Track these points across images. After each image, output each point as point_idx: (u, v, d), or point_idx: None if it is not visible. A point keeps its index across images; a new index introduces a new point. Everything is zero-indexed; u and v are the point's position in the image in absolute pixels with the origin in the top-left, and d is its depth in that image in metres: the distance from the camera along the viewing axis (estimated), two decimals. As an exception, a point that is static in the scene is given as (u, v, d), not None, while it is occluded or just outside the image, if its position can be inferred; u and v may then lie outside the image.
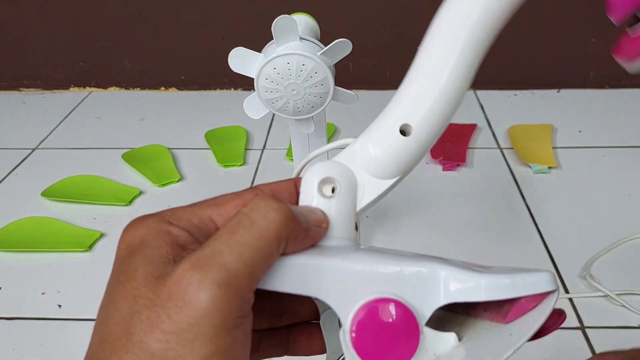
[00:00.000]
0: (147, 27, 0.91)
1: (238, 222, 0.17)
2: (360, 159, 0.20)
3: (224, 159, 0.75)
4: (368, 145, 0.21)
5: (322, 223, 0.19)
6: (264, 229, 0.17)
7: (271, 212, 0.17)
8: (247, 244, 0.16)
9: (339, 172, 0.20)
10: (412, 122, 0.20)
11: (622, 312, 0.49)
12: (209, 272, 0.15)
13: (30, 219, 0.64)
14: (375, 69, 0.92)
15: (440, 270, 0.18)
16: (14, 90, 0.98)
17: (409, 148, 0.20)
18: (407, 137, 0.20)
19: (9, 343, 0.49)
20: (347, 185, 0.20)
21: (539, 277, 0.18)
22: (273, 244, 0.17)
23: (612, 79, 0.91)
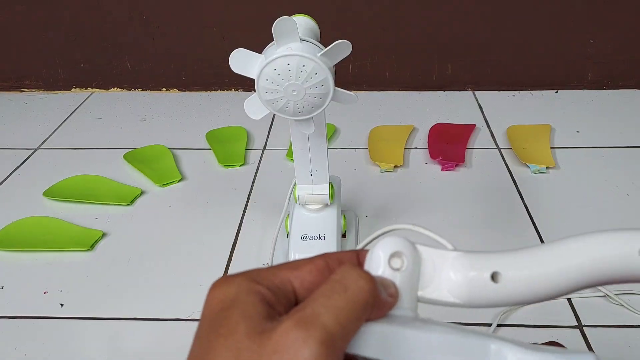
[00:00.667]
0: (148, 28, 0.91)
1: (332, 288, 0.19)
2: (449, 265, 0.22)
3: (225, 159, 0.75)
4: (456, 263, 0.22)
5: (394, 293, 0.21)
6: (355, 295, 0.19)
7: (361, 281, 0.19)
8: (342, 307, 0.18)
9: (408, 248, 0.21)
10: (504, 272, 0.21)
11: (620, 311, 0.49)
12: (312, 330, 0.17)
13: (32, 219, 0.64)
14: (374, 70, 0.92)
15: (501, 346, 0.20)
16: (16, 90, 0.99)
17: (492, 292, 0.21)
18: (498, 284, 0.21)
19: (11, 342, 0.49)
20: (413, 261, 0.21)
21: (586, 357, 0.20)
22: (363, 309, 0.19)
23: (610, 79, 0.92)
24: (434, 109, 0.88)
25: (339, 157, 0.76)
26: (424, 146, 0.78)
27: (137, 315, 0.51)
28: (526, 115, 0.85)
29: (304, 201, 0.54)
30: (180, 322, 0.50)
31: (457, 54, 0.90)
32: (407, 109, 0.88)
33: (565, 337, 0.47)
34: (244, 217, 0.64)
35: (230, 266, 0.57)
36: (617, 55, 0.89)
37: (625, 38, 0.88)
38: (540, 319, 0.49)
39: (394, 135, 0.80)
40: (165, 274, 0.56)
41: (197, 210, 0.66)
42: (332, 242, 0.54)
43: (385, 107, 0.89)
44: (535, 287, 0.21)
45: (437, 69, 0.92)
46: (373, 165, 0.74)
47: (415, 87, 0.93)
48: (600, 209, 0.63)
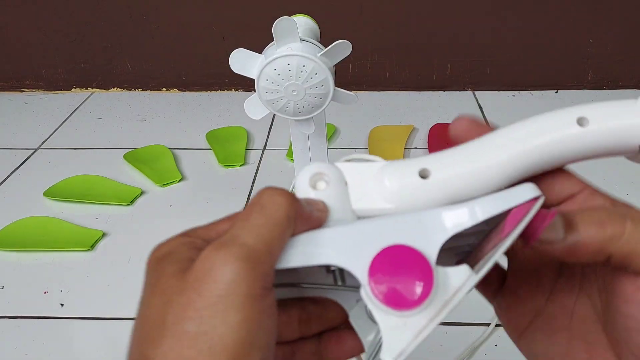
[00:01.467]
0: (148, 28, 0.91)
1: (250, 209, 0.19)
2: (375, 184, 0.21)
3: (225, 159, 0.75)
4: (384, 171, 0.22)
5: (322, 207, 0.21)
6: (273, 210, 0.19)
7: (276, 196, 0.19)
8: (261, 225, 0.18)
9: (328, 168, 0.21)
10: (432, 169, 0.21)
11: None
12: (231, 249, 0.17)
13: (32, 219, 0.64)
14: (374, 70, 0.92)
15: (435, 211, 0.20)
16: (16, 91, 0.99)
17: (422, 189, 0.21)
18: (424, 179, 0.21)
19: (12, 342, 0.49)
20: (335, 179, 0.21)
21: (522, 188, 0.20)
22: (284, 223, 0.18)
23: (610, 79, 0.92)
24: (434, 109, 0.88)
25: (339, 157, 0.76)
26: (424, 146, 0.78)
27: (137, 315, 0.51)
28: (526, 115, 0.83)
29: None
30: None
31: (457, 54, 0.91)
32: (407, 109, 0.88)
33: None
34: (244, 217, 0.64)
35: (230, 266, 0.57)
36: (617, 56, 0.89)
37: (625, 38, 0.88)
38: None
39: (394, 135, 0.80)
40: (165, 274, 0.56)
41: (197, 210, 0.66)
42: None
43: (385, 107, 0.89)
44: (466, 175, 0.21)
45: (437, 69, 0.92)
46: (373, 165, 0.74)
47: (415, 87, 0.93)
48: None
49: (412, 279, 0.18)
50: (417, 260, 0.18)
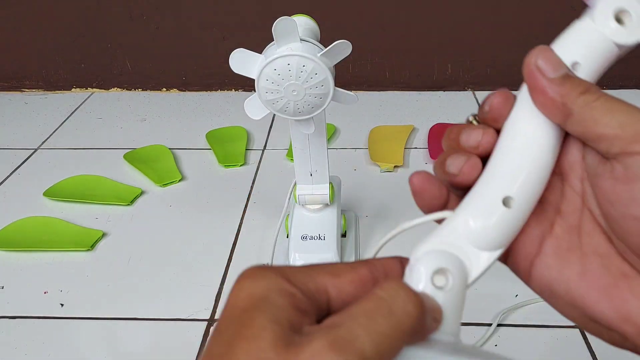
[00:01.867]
0: (148, 28, 0.91)
1: (377, 308, 0.17)
2: (463, 233, 0.21)
3: (225, 159, 0.75)
4: (471, 220, 0.21)
5: (438, 317, 0.19)
6: (401, 322, 0.17)
7: (409, 305, 0.17)
8: (384, 334, 0.16)
9: (453, 264, 0.20)
10: (513, 194, 0.21)
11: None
12: (348, 355, 0.15)
13: (32, 219, 0.64)
14: (374, 70, 0.92)
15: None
16: (16, 90, 0.99)
17: (512, 219, 0.21)
18: (510, 208, 0.21)
19: (12, 342, 0.49)
20: (460, 278, 0.20)
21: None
22: (406, 338, 0.17)
23: (610, 79, 0.92)
24: (434, 109, 0.88)
25: (339, 157, 0.76)
26: (424, 146, 0.78)
27: (137, 315, 0.51)
28: None
29: (304, 201, 0.54)
30: (180, 322, 0.50)
31: (457, 54, 0.90)
32: (407, 109, 0.88)
33: (565, 337, 0.47)
34: (244, 217, 0.64)
35: (230, 266, 0.57)
36: (617, 56, 0.89)
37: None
38: (540, 319, 0.49)
39: (394, 135, 0.80)
40: (165, 274, 0.56)
41: (197, 210, 0.66)
42: (332, 242, 0.54)
43: (385, 107, 0.89)
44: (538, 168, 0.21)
45: (437, 69, 0.92)
46: (373, 165, 0.74)
47: (415, 87, 0.93)
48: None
49: None
50: None
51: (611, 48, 0.21)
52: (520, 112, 0.21)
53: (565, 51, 0.21)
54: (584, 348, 0.46)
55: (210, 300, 0.52)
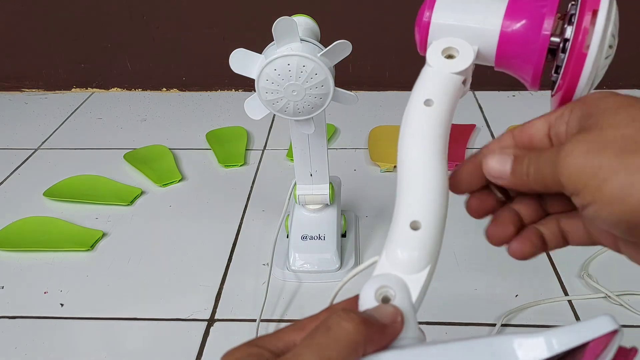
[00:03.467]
0: (148, 28, 0.91)
1: (316, 329, 0.19)
2: (393, 266, 0.23)
3: (225, 159, 0.75)
4: (392, 252, 0.23)
5: (396, 317, 0.21)
6: (339, 335, 0.19)
7: (343, 322, 0.19)
8: (324, 346, 0.18)
9: (390, 279, 0.22)
10: (417, 218, 0.23)
11: (621, 311, 0.49)
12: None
13: (32, 219, 0.64)
14: (374, 70, 0.92)
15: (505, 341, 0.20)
16: (16, 91, 0.99)
17: (426, 238, 0.23)
18: (419, 230, 0.23)
19: (12, 342, 0.49)
20: (400, 287, 0.22)
21: (599, 320, 0.20)
22: (349, 347, 0.19)
23: (610, 79, 0.91)
24: (434, 109, 0.88)
25: (339, 157, 0.76)
26: (424, 146, 0.77)
27: (137, 315, 0.51)
28: (526, 115, 0.84)
29: (304, 201, 0.54)
30: (181, 322, 0.50)
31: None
32: (408, 109, 0.88)
33: (565, 338, 0.47)
34: (244, 217, 0.64)
35: (230, 266, 0.57)
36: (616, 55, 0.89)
37: (625, 38, 0.88)
38: (540, 319, 0.49)
39: (394, 135, 0.79)
40: (165, 274, 0.56)
41: (197, 210, 0.66)
42: (332, 242, 0.54)
43: (385, 107, 0.89)
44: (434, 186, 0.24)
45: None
46: (373, 165, 0.74)
47: (415, 87, 0.93)
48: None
49: None
50: None
51: (452, 77, 0.26)
52: (409, 147, 0.25)
53: (419, 92, 0.26)
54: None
55: (210, 300, 0.52)
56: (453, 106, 0.26)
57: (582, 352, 0.19)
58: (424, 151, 0.24)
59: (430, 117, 0.25)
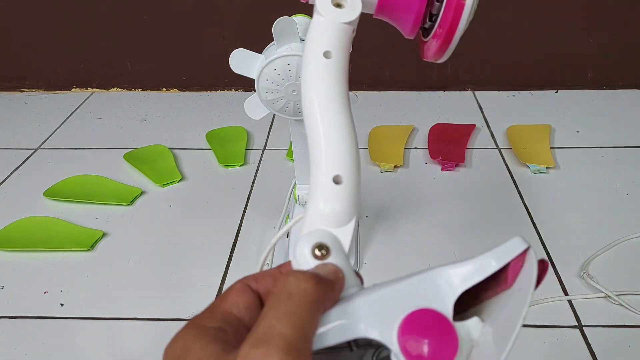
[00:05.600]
0: (148, 28, 0.91)
1: (277, 299, 0.19)
2: (321, 221, 0.24)
3: (225, 159, 0.75)
4: (318, 208, 0.24)
5: (338, 273, 0.22)
6: (302, 298, 0.19)
7: (302, 283, 0.19)
8: (292, 312, 0.18)
9: (323, 235, 0.23)
10: (339, 172, 0.24)
11: (620, 311, 0.49)
12: (270, 343, 0.17)
13: (32, 219, 0.64)
14: (374, 70, 0.92)
15: (441, 272, 0.21)
16: (16, 90, 0.99)
17: (349, 191, 0.24)
18: (342, 184, 0.24)
19: (12, 342, 0.49)
20: (333, 242, 0.23)
21: (513, 243, 0.22)
22: (313, 307, 0.19)
23: (610, 79, 0.92)
24: (434, 109, 0.88)
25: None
26: (424, 146, 0.78)
27: (137, 315, 0.51)
28: (526, 115, 0.85)
29: (304, 201, 0.54)
30: (181, 322, 0.50)
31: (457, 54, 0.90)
32: (407, 109, 0.88)
33: (565, 337, 0.47)
34: (244, 217, 0.64)
35: (230, 266, 0.57)
36: (616, 55, 0.89)
37: (624, 38, 0.88)
38: (540, 319, 0.49)
39: (394, 135, 0.80)
40: (165, 274, 0.56)
41: (197, 210, 0.66)
42: (332, 242, 0.54)
43: (385, 107, 0.89)
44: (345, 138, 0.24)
45: (437, 69, 0.92)
46: (373, 165, 0.74)
47: (415, 87, 0.93)
48: (600, 208, 0.63)
49: (439, 341, 0.19)
50: (440, 322, 0.20)
51: (344, 28, 0.27)
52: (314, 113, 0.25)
53: (317, 44, 0.26)
54: (584, 348, 0.46)
55: (210, 300, 0.51)
56: (348, 57, 0.27)
57: (505, 273, 0.22)
58: (335, 106, 0.25)
59: (332, 70, 0.26)
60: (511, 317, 0.20)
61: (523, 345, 0.47)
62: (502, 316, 0.21)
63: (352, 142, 0.24)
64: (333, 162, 0.24)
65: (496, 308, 0.22)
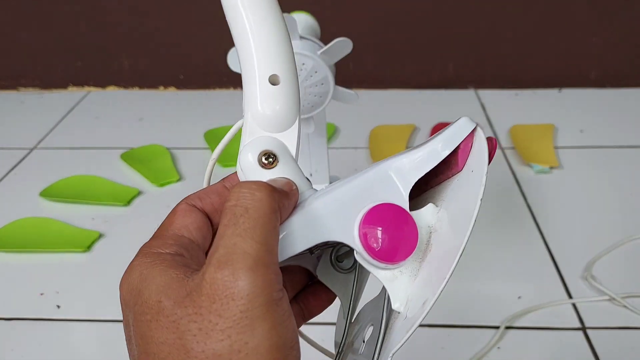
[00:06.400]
0: (145, 26, 0.91)
1: (233, 214, 0.18)
2: (263, 127, 0.22)
3: (223, 159, 0.75)
4: (258, 112, 0.22)
5: (291, 185, 0.21)
6: (259, 210, 0.18)
7: (256, 193, 0.18)
8: (252, 227, 0.17)
9: (268, 142, 0.22)
10: (276, 71, 0.22)
11: (624, 313, 0.49)
12: (236, 262, 0.17)
13: (28, 220, 0.63)
14: (375, 68, 0.92)
15: (391, 165, 0.21)
16: (13, 89, 0.98)
17: (289, 91, 0.22)
18: (280, 85, 0.22)
19: (8, 344, 0.48)
20: (280, 148, 0.22)
21: (460, 123, 0.21)
22: (273, 219, 0.18)
23: (614, 78, 0.91)
24: (435, 108, 0.87)
25: (339, 156, 0.75)
26: (425, 145, 0.77)
27: (134, 318, 0.51)
28: (529, 114, 0.84)
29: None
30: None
31: (459, 52, 0.90)
32: (409, 108, 0.87)
33: (569, 340, 0.47)
34: (243, 217, 0.64)
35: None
36: (620, 54, 0.89)
37: (628, 36, 0.87)
38: (544, 321, 0.48)
39: (395, 134, 0.79)
40: (163, 276, 0.55)
41: (196, 210, 0.65)
42: (333, 243, 0.53)
43: (387, 106, 0.88)
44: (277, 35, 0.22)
45: (438, 67, 0.91)
46: (374, 164, 0.73)
47: (416, 85, 0.93)
48: (604, 209, 0.63)
49: (399, 233, 0.20)
50: (399, 214, 0.20)
51: None
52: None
53: None
54: (588, 351, 0.46)
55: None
56: None
57: (455, 156, 0.21)
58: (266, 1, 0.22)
59: None
60: (468, 199, 0.20)
61: (525, 348, 0.46)
62: (458, 199, 0.21)
63: (286, 37, 0.22)
64: (269, 61, 0.22)
65: (450, 192, 0.21)
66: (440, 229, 0.21)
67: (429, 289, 0.19)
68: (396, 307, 0.20)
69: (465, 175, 0.21)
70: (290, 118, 0.22)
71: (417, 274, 0.20)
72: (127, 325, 0.18)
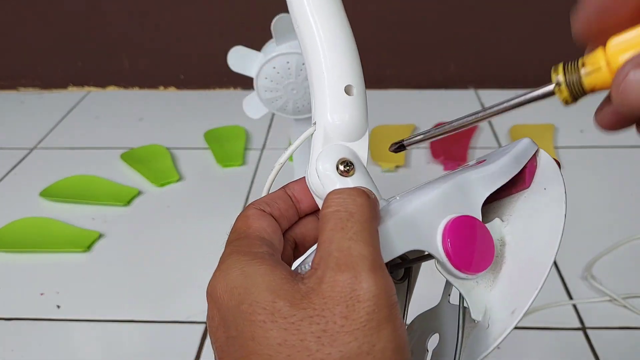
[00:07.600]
0: (145, 26, 0.91)
1: (339, 219, 0.18)
2: (337, 135, 0.23)
3: (223, 159, 0.75)
4: (333, 121, 0.23)
5: (371, 193, 0.21)
6: (362, 213, 0.18)
7: (357, 198, 0.19)
8: (360, 231, 0.18)
9: (343, 150, 0.22)
10: (350, 82, 0.23)
11: (624, 313, 0.49)
12: (355, 266, 0.17)
13: (28, 219, 0.63)
14: (375, 68, 0.92)
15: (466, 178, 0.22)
16: (12, 89, 0.98)
17: (361, 102, 0.23)
18: (354, 95, 0.23)
19: (8, 344, 0.48)
20: (354, 157, 0.22)
21: (525, 145, 0.23)
22: (374, 223, 0.19)
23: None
24: (435, 108, 0.87)
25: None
26: (425, 146, 0.77)
27: (134, 318, 0.51)
28: (529, 114, 0.84)
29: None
30: (178, 325, 0.50)
31: (459, 52, 0.90)
32: (409, 108, 0.87)
33: (569, 340, 0.47)
34: (243, 217, 0.64)
35: (229, 267, 0.56)
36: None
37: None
38: (544, 321, 0.48)
39: (395, 134, 0.79)
40: (162, 276, 0.55)
41: (196, 210, 0.65)
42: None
43: (387, 106, 0.88)
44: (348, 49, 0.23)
45: (439, 67, 0.91)
46: (374, 165, 0.73)
47: (416, 85, 0.93)
48: (604, 209, 0.63)
49: (479, 244, 0.20)
50: (477, 227, 0.20)
51: None
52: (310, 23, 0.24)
53: None
54: (588, 351, 0.46)
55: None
56: None
57: (522, 173, 0.22)
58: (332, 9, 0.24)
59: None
60: (548, 215, 0.21)
61: (525, 348, 0.46)
62: (531, 215, 0.21)
63: (356, 49, 0.23)
64: (344, 72, 0.23)
65: (516, 207, 0.22)
66: (511, 242, 0.21)
67: (516, 299, 0.20)
68: (475, 317, 0.20)
69: (535, 193, 0.22)
70: (362, 127, 0.23)
71: (493, 285, 0.20)
72: (224, 326, 0.18)
